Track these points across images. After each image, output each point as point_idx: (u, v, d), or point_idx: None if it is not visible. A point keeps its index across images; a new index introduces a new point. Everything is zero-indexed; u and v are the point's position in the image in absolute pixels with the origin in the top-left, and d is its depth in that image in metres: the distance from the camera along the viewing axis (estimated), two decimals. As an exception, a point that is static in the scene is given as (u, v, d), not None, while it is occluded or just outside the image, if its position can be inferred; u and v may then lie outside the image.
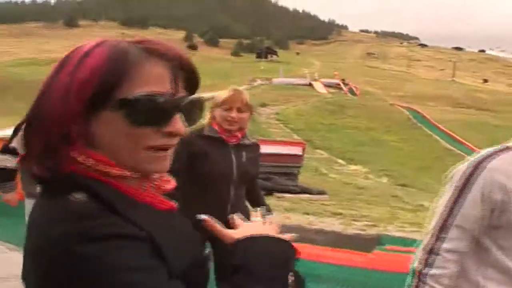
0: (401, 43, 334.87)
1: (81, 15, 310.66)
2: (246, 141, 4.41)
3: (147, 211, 1.19)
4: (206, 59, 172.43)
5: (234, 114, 4.16)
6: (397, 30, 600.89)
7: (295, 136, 39.29)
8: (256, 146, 4.58)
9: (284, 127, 46.08)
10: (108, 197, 1.13)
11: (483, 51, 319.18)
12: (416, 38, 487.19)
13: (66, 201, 1.10)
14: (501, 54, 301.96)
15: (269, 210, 4.45)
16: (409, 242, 11.01)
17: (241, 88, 4.54)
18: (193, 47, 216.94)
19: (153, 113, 1.15)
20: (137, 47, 1.20)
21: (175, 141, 1.22)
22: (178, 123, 1.20)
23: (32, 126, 1.18)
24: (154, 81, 1.16)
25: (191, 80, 1.28)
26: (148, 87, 1.15)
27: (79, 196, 1.11)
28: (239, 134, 4.31)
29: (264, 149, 5.96)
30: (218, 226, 1.43)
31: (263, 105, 58.22)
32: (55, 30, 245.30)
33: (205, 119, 4.30)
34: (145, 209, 1.20)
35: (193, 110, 1.27)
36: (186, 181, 4.05)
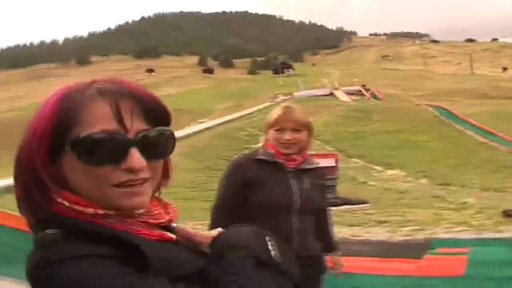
0: (413, 42, 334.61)
1: (90, 51, 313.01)
2: (308, 165, 3.85)
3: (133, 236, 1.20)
4: (224, 81, 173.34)
5: (288, 135, 3.67)
6: (405, 29, 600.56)
7: (328, 148, 39.03)
8: (320, 170, 3.97)
9: (314, 140, 45.59)
10: (82, 227, 1.16)
11: (495, 39, 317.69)
12: (427, 35, 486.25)
13: (42, 235, 1.15)
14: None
15: (334, 249, 4.22)
16: (459, 243, 10.76)
17: (293, 104, 3.98)
18: (209, 71, 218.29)
19: (101, 151, 1.17)
20: (88, 89, 1.23)
21: (140, 176, 1.21)
22: (133, 159, 1.19)
23: (14, 173, 1.24)
24: (101, 120, 1.19)
25: (153, 112, 1.27)
26: (95, 127, 1.18)
27: (51, 231, 1.14)
28: (298, 158, 3.78)
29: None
30: (191, 231, 1.43)
31: (290, 120, 58.09)
32: (68, 70, 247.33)
33: (260, 142, 3.85)
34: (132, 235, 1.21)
35: (157, 143, 1.26)
36: (239, 212, 3.71)
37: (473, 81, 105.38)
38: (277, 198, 3.65)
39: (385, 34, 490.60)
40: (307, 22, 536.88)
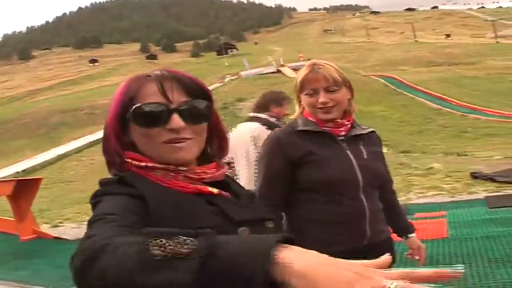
0: (354, 14, 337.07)
1: (31, 46, 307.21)
2: (359, 130, 3.14)
3: (159, 189, 1.55)
4: (169, 65, 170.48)
5: (323, 97, 2.96)
6: (344, 2, 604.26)
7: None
8: (374, 135, 3.29)
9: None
10: (129, 178, 1.55)
11: (436, 7, 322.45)
12: (367, 7, 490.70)
13: (103, 178, 1.60)
14: (454, 7, 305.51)
15: (411, 231, 3.46)
16: (435, 207, 10.84)
17: (321, 60, 3.14)
18: (153, 57, 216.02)
19: (150, 116, 1.57)
20: (145, 76, 1.66)
21: (181, 135, 1.59)
22: (174, 121, 1.57)
23: (103, 142, 1.68)
24: (152, 96, 1.59)
25: (191, 88, 1.64)
26: (147, 100, 1.58)
27: (111, 178, 1.59)
28: (345, 121, 3.08)
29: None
30: None
31: (241, 100, 57.88)
32: (12, 66, 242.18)
33: (295, 111, 3.19)
34: (163, 188, 1.56)
35: (193, 110, 1.61)
36: (291, 197, 3.08)
37: (419, 49, 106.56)
38: (339, 174, 2.94)
39: (325, 9, 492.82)
40: (245, 1, 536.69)
